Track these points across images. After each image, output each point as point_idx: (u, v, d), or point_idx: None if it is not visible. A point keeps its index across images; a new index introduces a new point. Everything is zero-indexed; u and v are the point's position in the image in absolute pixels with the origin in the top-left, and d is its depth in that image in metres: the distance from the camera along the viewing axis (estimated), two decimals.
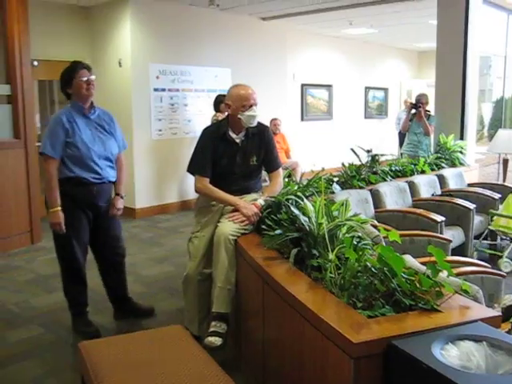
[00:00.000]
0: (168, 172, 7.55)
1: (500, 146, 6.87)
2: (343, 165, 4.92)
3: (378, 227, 2.99)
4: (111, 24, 7.19)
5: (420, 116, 6.51)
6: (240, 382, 2.37)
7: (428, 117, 6.56)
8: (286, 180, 3.48)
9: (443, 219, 4.24)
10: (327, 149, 10.59)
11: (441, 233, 4.14)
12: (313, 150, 10.14)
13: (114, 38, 7.20)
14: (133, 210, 7.10)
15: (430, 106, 6.80)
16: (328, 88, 11.09)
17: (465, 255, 4.51)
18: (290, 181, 3.49)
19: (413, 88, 12.67)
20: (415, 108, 6.58)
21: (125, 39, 7.04)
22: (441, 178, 5.52)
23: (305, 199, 2.74)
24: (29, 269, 4.96)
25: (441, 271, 1.95)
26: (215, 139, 3.21)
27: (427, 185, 5.25)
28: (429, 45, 10.78)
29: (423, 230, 4.01)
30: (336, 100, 11.26)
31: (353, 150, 4.93)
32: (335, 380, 1.79)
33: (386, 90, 12.82)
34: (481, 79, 8.69)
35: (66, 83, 3.42)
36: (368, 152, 5.15)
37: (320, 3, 7.29)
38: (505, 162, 7.10)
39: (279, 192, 3.17)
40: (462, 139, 6.68)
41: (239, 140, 3.24)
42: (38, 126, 6.88)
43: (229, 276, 2.93)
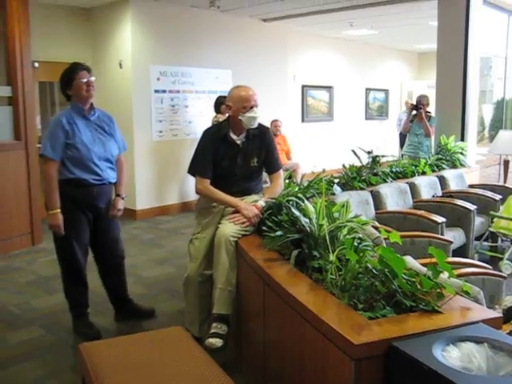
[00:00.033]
0: (169, 173, 7.55)
1: (501, 147, 6.87)
2: (344, 166, 4.91)
3: (379, 228, 2.99)
4: (112, 25, 7.21)
5: (421, 117, 6.50)
6: None
7: (429, 118, 6.56)
8: (287, 181, 3.47)
9: (444, 220, 4.24)
10: (328, 150, 10.60)
11: (441, 234, 4.14)
12: (313, 152, 10.15)
13: (115, 40, 7.21)
14: (133, 212, 7.11)
15: (431, 107, 6.79)
16: (329, 89, 11.10)
17: (466, 256, 4.50)
18: (291, 182, 3.48)
19: (413, 89, 12.68)
20: (416, 109, 6.58)
21: (125, 41, 7.05)
22: (441, 179, 5.53)
23: (305, 200, 2.73)
24: (29, 270, 4.96)
25: (442, 272, 1.95)
26: (216, 141, 3.21)
27: (428, 186, 5.25)
28: (429, 46, 10.79)
29: (424, 232, 4.00)
30: (337, 101, 11.26)
31: (353, 152, 4.93)
32: (336, 381, 1.79)
33: (387, 92, 12.82)
34: (481, 80, 8.69)
35: (66, 85, 3.42)
36: (369, 153, 5.15)
37: (321, 5, 7.30)
38: (505, 163, 7.10)
39: (280, 193, 3.17)
40: (463, 140, 6.68)
41: (240, 141, 3.24)
42: (39, 128, 6.89)
43: (229, 277, 2.93)
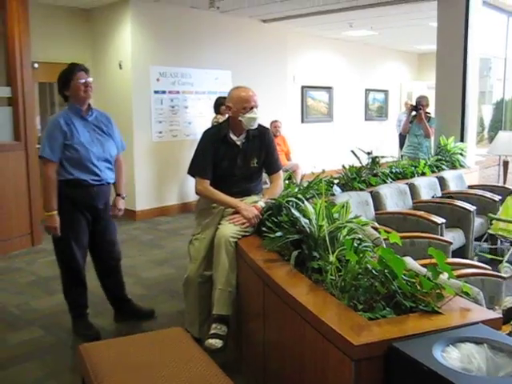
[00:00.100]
0: (168, 174, 7.55)
1: (500, 148, 6.88)
2: (344, 167, 4.91)
3: (379, 229, 2.99)
4: (112, 26, 7.21)
5: (420, 118, 6.50)
6: None
7: (428, 119, 6.56)
8: (287, 182, 3.47)
9: (443, 221, 4.24)
10: (327, 151, 10.60)
11: (441, 235, 4.14)
12: (313, 152, 10.15)
13: (115, 40, 7.21)
14: (133, 212, 7.10)
15: (431, 108, 6.79)
16: (328, 90, 11.10)
17: (465, 257, 4.50)
18: (291, 183, 3.48)
19: (413, 90, 12.69)
20: (415, 110, 6.58)
21: (125, 41, 7.05)
22: (441, 180, 5.53)
23: (305, 201, 2.73)
24: (29, 271, 4.96)
25: (441, 273, 1.95)
26: (216, 141, 3.21)
27: (427, 187, 5.25)
28: (429, 47, 10.80)
29: (424, 232, 4.00)
30: (336, 102, 11.26)
31: (353, 152, 4.92)
32: (336, 382, 1.79)
33: (387, 92, 12.83)
34: (481, 81, 8.70)
35: (64, 85, 3.41)
36: (368, 154, 5.15)
37: (320, 5, 7.30)
38: (505, 164, 7.10)
39: (280, 194, 3.17)
40: (463, 141, 6.68)
41: (240, 142, 3.24)
42: (39, 128, 6.88)
43: (229, 278, 2.93)
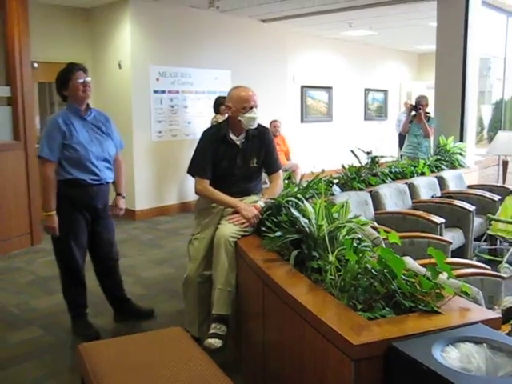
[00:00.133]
0: (168, 174, 7.55)
1: (500, 148, 6.88)
2: (343, 167, 4.92)
3: (378, 229, 2.99)
4: (111, 26, 7.20)
5: (420, 118, 6.50)
6: None
7: (428, 119, 6.56)
8: (286, 182, 3.47)
9: (443, 221, 4.24)
10: (327, 151, 10.61)
11: (441, 235, 4.14)
12: (313, 152, 10.16)
13: (114, 40, 7.21)
14: (133, 212, 7.10)
15: (430, 108, 6.80)
16: (328, 90, 11.10)
17: (465, 257, 4.50)
18: (290, 183, 3.48)
19: (412, 90, 12.69)
20: (415, 110, 6.58)
21: (125, 41, 7.05)
22: (440, 180, 5.53)
23: (305, 201, 2.73)
24: (29, 270, 4.96)
25: (441, 273, 1.95)
26: (215, 141, 3.21)
27: (427, 187, 5.25)
28: (429, 47, 10.80)
29: (423, 232, 4.00)
30: (336, 102, 11.27)
31: (353, 152, 4.92)
32: (335, 382, 1.79)
33: (386, 92, 12.83)
34: (480, 81, 8.69)
35: (62, 85, 3.41)
36: (368, 154, 5.16)
37: (320, 5, 7.30)
38: (504, 164, 7.11)
39: (279, 194, 3.17)
40: (462, 141, 6.68)
41: (239, 142, 3.24)
42: (38, 128, 6.88)
43: (229, 278, 2.93)
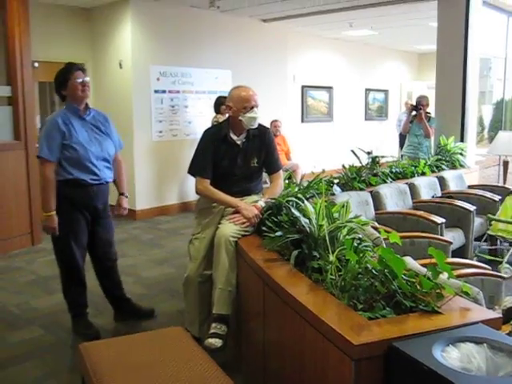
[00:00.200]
0: (168, 173, 7.55)
1: (500, 148, 6.88)
2: (344, 167, 4.91)
3: (379, 229, 2.99)
4: (112, 25, 7.21)
5: (420, 118, 6.50)
6: None
7: (428, 119, 6.56)
8: (287, 182, 3.47)
9: (443, 221, 4.24)
10: (327, 150, 10.60)
11: (441, 235, 4.14)
12: (313, 152, 10.16)
13: (115, 40, 7.21)
14: (133, 212, 7.10)
15: (431, 108, 6.79)
16: (328, 90, 11.10)
17: (465, 257, 4.50)
18: (291, 182, 3.47)
19: (413, 90, 12.69)
20: (416, 110, 6.58)
21: (125, 41, 7.05)
22: (441, 180, 5.53)
23: (305, 201, 2.73)
24: (29, 270, 4.96)
25: (441, 273, 1.95)
26: (216, 141, 3.21)
27: (427, 187, 5.25)
28: (429, 47, 10.80)
29: (423, 232, 4.00)
30: (336, 102, 11.26)
31: (353, 152, 4.92)
32: (336, 382, 1.79)
33: (387, 92, 12.83)
34: (481, 81, 8.69)
35: (61, 85, 3.40)
36: (368, 154, 5.15)
37: (321, 5, 7.30)
38: (505, 164, 7.11)
39: (280, 194, 3.17)
40: (463, 141, 6.68)
41: (240, 142, 3.24)
42: (39, 128, 6.88)
43: (229, 278, 2.92)
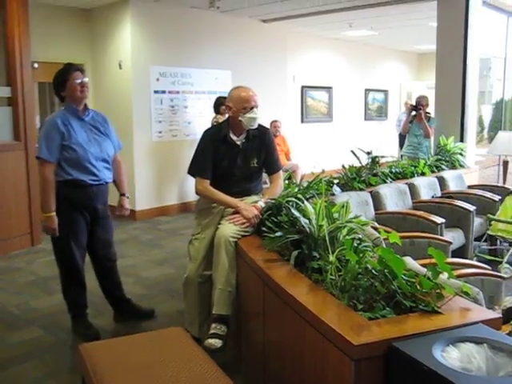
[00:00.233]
0: (168, 174, 7.55)
1: (500, 148, 6.88)
2: (343, 167, 4.91)
3: (379, 229, 2.98)
4: (112, 26, 7.20)
5: (420, 118, 6.50)
6: None
7: (428, 119, 6.56)
8: (287, 182, 3.47)
9: (443, 221, 4.24)
10: (327, 151, 10.60)
11: (441, 235, 4.14)
12: (313, 152, 10.15)
13: (115, 40, 7.21)
14: (133, 212, 7.09)
15: (430, 108, 6.79)
16: (328, 90, 11.10)
17: (465, 257, 4.50)
18: (291, 183, 3.47)
19: (413, 90, 12.69)
20: (415, 110, 6.58)
21: (125, 41, 7.05)
22: (441, 180, 5.52)
23: (305, 201, 2.73)
24: (29, 271, 4.96)
25: (441, 273, 1.95)
26: (216, 141, 3.21)
27: (427, 187, 5.25)
28: (429, 47, 10.79)
29: (423, 232, 4.00)
30: (336, 102, 11.26)
31: (353, 152, 4.92)
32: (336, 382, 1.79)
33: (386, 92, 12.83)
34: (481, 81, 8.69)
35: (60, 86, 3.40)
36: (368, 154, 5.15)
37: (320, 5, 7.29)
38: (505, 164, 7.11)
39: (280, 194, 3.17)
40: (462, 141, 6.68)
41: (240, 142, 3.24)
42: (38, 128, 6.88)
43: (229, 278, 2.92)
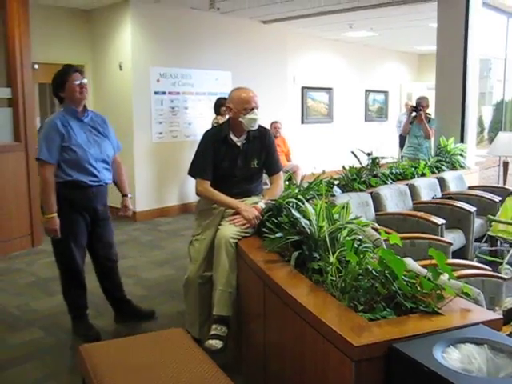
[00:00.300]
0: (168, 175, 7.55)
1: (500, 149, 6.88)
2: (344, 168, 4.91)
3: (379, 230, 2.98)
4: (112, 27, 7.21)
5: (420, 119, 6.50)
6: None
7: (428, 120, 6.55)
8: (287, 183, 3.47)
9: (444, 222, 4.23)
10: (328, 152, 10.59)
11: (441, 236, 4.13)
12: (313, 153, 10.15)
13: (115, 41, 7.21)
14: (133, 213, 7.05)
15: (431, 109, 6.79)
16: (328, 91, 11.10)
17: (465, 258, 4.49)
18: (291, 184, 3.48)
19: (413, 91, 12.69)
20: (416, 111, 6.57)
21: (125, 42, 7.05)
22: (441, 181, 5.51)
23: (305, 202, 2.73)
24: (29, 272, 4.96)
25: (442, 274, 1.95)
26: (216, 142, 3.21)
27: (428, 188, 5.24)
28: (429, 48, 10.80)
29: (424, 233, 3.99)
30: (336, 103, 11.26)
31: (353, 153, 4.92)
32: (336, 383, 1.79)
33: (387, 93, 12.83)
34: (481, 82, 8.68)
35: (59, 87, 3.40)
36: (368, 155, 5.15)
37: (321, 6, 7.29)
38: (505, 165, 7.11)
39: (280, 195, 3.17)
40: (463, 142, 6.67)
41: (240, 143, 3.24)
42: (38, 130, 6.88)
43: (230, 279, 2.92)
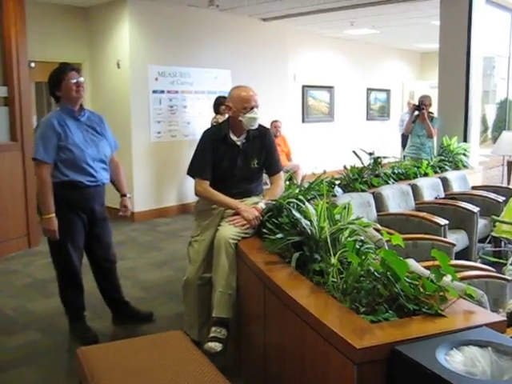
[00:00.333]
0: (167, 175, 7.51)
1: (504, 148, 6.84)
2: (345, 167, 4.89)
3: (381, 231, 2.96)
4: (109, 25, 7.17)
5: (423, 118, 6.47)
6: None
7: (431, 119, 6.53)
8: (288, 183, 3.46)
9: (446, 222, 4.19)
10: (329, 151, 10.57)
11: (444, 236, 4.10)
12: (314, 153, 10.12)
13: (113, 39, 7.18)
14: (131, 214, 7.05)
15: (433, 108, 6.76)
16: (329, 89, 11.07)
17: (469, 259, 4.46)
18: (292, 184, 3.47)
19: (415, 89, 12.64)
20: (418, 110, 6.55)
21: (123, 40, 7.01)
22: (444, 181, 5.47)
23: (306, 202, 2.72)
24: (26, 273, 4.92)
25: (445, 275, 1.93)
26: (216, 141, 3.18)
27: (430, 188, 5.20)
28: (431, 46, 10.73)
29: (426, 234, 3.95)
30: (337, 102, 11.24)
31: (355, 153, 4.90)
32: None
33: (388, 92, 12.80)
34: (484, 80, 8.64)
35: (55, 86, 3.36)
36: (370, 154, 5.12)
37: (321, 4, 7.26)
38: (509, 165, 7.08)
39: (280, 195, 3.14)
40: (466, 141, 6.64)
41: (240, 142, 3.21)
42: (34, 129, 6.85)
43: (229, 280, 2.90)
